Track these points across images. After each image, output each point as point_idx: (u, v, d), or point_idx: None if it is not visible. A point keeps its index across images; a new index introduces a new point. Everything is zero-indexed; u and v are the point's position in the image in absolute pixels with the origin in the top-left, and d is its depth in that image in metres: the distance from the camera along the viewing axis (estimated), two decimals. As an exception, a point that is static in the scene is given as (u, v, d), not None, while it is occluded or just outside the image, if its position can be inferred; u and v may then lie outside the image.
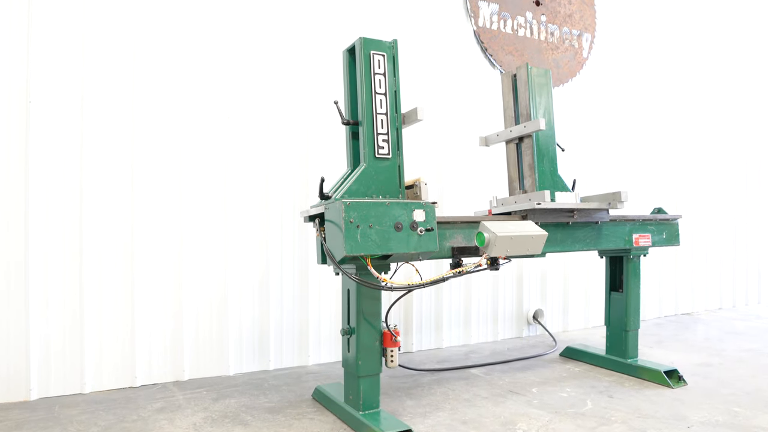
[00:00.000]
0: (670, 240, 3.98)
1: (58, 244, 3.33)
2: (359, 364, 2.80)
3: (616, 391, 3.45)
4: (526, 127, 3.31)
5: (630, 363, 3.79)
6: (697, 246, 6.42)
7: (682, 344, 4.77)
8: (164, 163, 3.64)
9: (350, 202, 2.55)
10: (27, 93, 3.25)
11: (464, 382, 3.65)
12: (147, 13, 3.59)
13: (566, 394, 3.40)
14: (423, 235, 2.70)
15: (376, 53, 2.85)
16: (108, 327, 3.47)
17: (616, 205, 3.46)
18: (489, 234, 2.70)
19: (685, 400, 3.27)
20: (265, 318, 3.96)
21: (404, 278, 4.10)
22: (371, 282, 2.68)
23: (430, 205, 2.76)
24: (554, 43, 5.19)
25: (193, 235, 3.71)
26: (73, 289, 3.37)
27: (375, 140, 2.80)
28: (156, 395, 3.36)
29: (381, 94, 2.84)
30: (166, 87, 3.64)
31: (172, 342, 3.65)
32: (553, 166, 3.44)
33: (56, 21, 3.34)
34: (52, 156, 3.32)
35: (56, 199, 3.33)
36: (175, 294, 3.66)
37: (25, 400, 3.24)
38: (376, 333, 2.84)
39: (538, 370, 3.95)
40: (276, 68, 3.99)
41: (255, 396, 3.36)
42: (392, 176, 2.85)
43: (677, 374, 3.61)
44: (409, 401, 3.28)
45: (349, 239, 2.52)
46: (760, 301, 7.14)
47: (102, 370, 3.45)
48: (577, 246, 3.52)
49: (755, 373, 3.84)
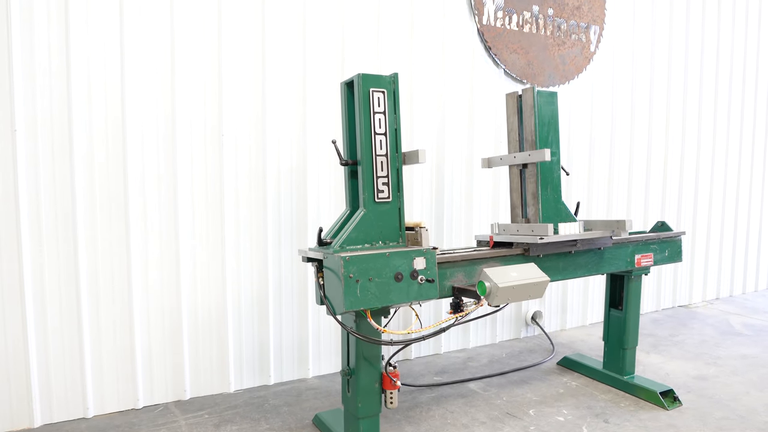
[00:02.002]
0: (673, 258, 3.95)
1: (53, 263, 3.29)
2: (359, 406, 2.81)
3: (612, 414, 3.50)
4: (531, 156, 3.21)
5: (627, 380, 3.83)
6: (698, 236, 6.40)
7: (678, 348, 4.82)
8: (162, 179, 3.55)
9: (349, 257, 2.49)
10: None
11: (462, 402, 3.70)
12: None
13: (563, 418, 3.45)
14: (423, 283, 2.67)
15: (376, 90, 2.72)
16: (107, 350, 3.48)
17: (620, 233, 3.40)
18: (490, 284, 2.66)
19: (679, 427, 3.32)
20: (265, 332, 3.97)
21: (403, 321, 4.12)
22: (370, 337, 2.66)
23: (430, 251, 2.71)
24: (561, 39, 4.98)
25: (189, 250, 3.67)
26: (70, 310, 3.35)
27: (375, 184, 2.72)
28: (158, 420, 3.40)
29: (381, 135, 2.73)
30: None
31: (173, 361, 3.67)
32: (557, 193, 3.36)
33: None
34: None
35: (50, 222, 3.27)
36: (175, 312, 3.64)
37: (29, 428, 3.28)
38: (376, 374, 2.85)
39: (535, 385, 4.00)
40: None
41: (256, 421, 3.40)
42: (392, 220, 2.78)
43: (672, 394, 3.66)
44: (408, 427, 3.33)
45: (348, 295, 2.49)
46: (757, 289, 7.18)
47: (104, 393, 3.48)
48: (580, 273, 3.48)
49: (749, 390, 3.88)
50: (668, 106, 5.99)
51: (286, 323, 4.05)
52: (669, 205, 6.12)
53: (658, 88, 5.88)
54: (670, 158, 6.07)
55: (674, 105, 6.05)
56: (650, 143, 5.88)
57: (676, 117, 6.08)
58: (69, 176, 3.29)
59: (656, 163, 5.97)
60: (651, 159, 5.91)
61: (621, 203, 5.72)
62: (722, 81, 6.44)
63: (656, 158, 5.96)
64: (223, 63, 3.66)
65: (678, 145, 6.13)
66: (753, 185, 6.96)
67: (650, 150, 5.88)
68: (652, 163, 5.93)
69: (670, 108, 6.01)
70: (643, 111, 5.79)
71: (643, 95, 5.77)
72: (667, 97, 5.97)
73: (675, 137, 6.10)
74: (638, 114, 5.75)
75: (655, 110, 5.89)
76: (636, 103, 5.70)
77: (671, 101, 6.01)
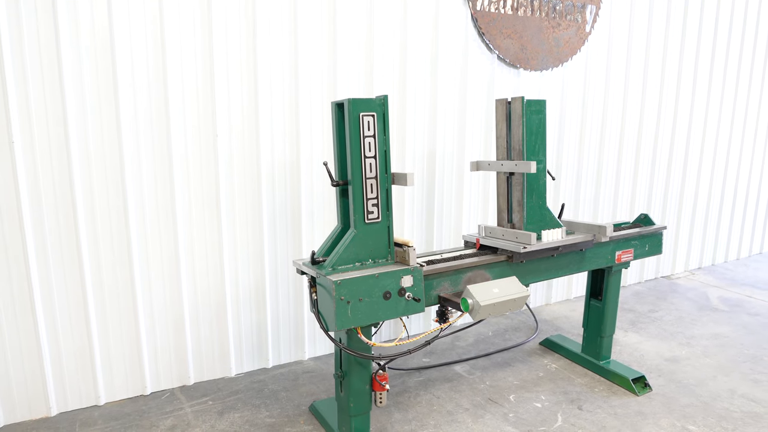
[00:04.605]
0: (653, 251, 4.12)
1: (58, 261, 3.45)
2: (351, 405, 3.06)
3: (586, 400, 3.78)
4: (517, 166, 3.30)
5: (602, 366, 4.10)
6: (684, 207, 6.56)
7: (655, 326, 5.09)
8: (156, 175, 3.64)
9: (341, 281, 2.65)
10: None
11: (448, 387, 3.97)
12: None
13: (540, 405, 3.73)
14: (410, 300, 2.84)
15: (366, 114, 2.78)
16: (115, 340, 3.69)
17: (600, 238, 3.55)
18: (473, 300, 2.84)
19: (647, 414, 3.61)
20: (263, 318, 4.19)
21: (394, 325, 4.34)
22: (361, 352, 2.86)
23: (418, 269, 2.87)
24: (556, 20, 4.91)
25: (189, 241, 3.82)
26: (78, 305, 3.52)
27: (365, 206, 2.83)
28: (166, 407, 3.67)
29: (371, 158, 2.82)
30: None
31: (176, 349, 3.90)
32: (542, 199, 3.47)
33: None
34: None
35: (52, 218, 3.39)
36: (176, 301, 3.83)
37: (46, 416, 3.55)
38: (367, 377, 3.07)
39: (517, 367, 4.27)
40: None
41: (256, 408, 3.67)
42: (382, 238, 2.91)
43: (644, 380, 3.93)
44: (397, 414, 3.61)
45: (339, 316, 2.67)
46: (739, 257, 7.43)
47: (113, 381, 3.73)
48: (561, 272, 3.66)
49: (716, 374, 4.17)
50: (662, 84, 5.98)
51: (283, 308, 4.26)
52: (658, 176, 6.23)
53: (652, 67, 5.84)
54: (661, 129, 6.12)
55: (668, 81, 6.03)
56: (642, 119, 5.91)
57: (669, 93, 6.08)
58: (67, 171, 3.36)
59: (647, 136, 6.02)
60: (642, 132, 5.95)
61: (610, 176, 5.83)
62: (719, 52, 6.39)
63: (647, 130, 6.01)
64: (216, 63, 3.67)
65: (670, 116, 6.17)
66: (742, 158, 7.05)
67: (641, 126, 5.93)
68: (644, 136, 5.98)
69: (664, 85, 6.00)
70: (636, 91, 5.79)
71: (637, 75, 5.75)
72: (662, 74, 5.95)
73: (667, 108, 6.13)
74: (631, 94, 5.75)
75: (649, 88, 5.88)
76: (630, 83, 5.70)
77: (665, 79, 5.99)
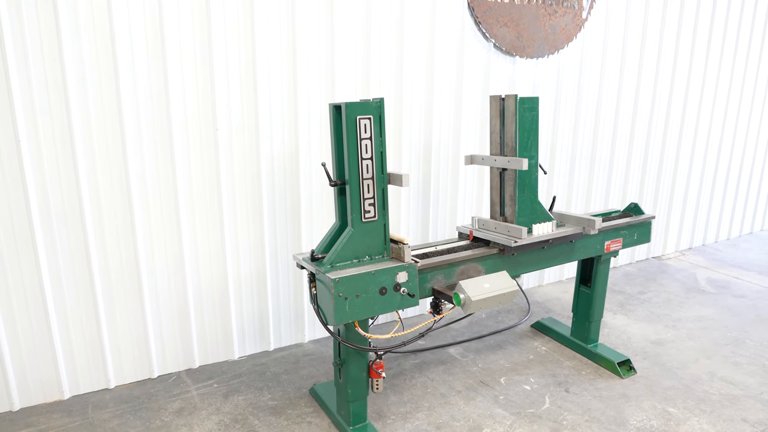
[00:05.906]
0: (642, 240, 4.26)
1: (66, 250, 3.58)
2: (349, 392, 3.24)
3: (573, 383, 3.97)
4: (510, 163, 3.40)
5: (590, 349, 4.28)
6: (677, 188, 6.67)
7: (643, 308, 5.27)
8: (161, 169, 3.74)
9: (339, 279, 2.79)
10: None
11: (442, 369, 4.16)
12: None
13: (529, 387, 3.92)
14: (405, 294, 2.99)
15: (363, 117, 2.87)
16: (122, 326, 3.85)
17: (590, 231, 3.68)
18: (464, 296, 2.99)
19: (630, 397, 3.80)
20: (264, 302, 4.34)
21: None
22: (357, 345, 3.02)
23: (412, 266, 3.01)
24: (553, 7, 4.93)
25: (191, 231, 3.95)
26: (86, 291, 3.66)
27: (362, 205, 2.95)
28: (173, 390, 3.86)
29: (367, 159, 2.92)
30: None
31: (182, 333, 4.07)
32: (534, 193, 3.59)
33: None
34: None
35: (59, 207, 3.50)
36: (180, 286, 3.98)
37: (60, 399, 3.73)
38: (364, 365, 3.24)
39: (508, 350, 4.46)
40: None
41: (259, 390, 3.86)
42: (378, 236, 3.04)
43: (629, 364, 4.12)
44: (393, 396, 3.80)
45: (338, 311, 2.82)
46: (729, 237, 7.58)
47: (122, 365, 3.91)
48: (551, 263, 3.80)
49: (698, 357, 4.36)
50: (657, 68, 6.02)
51: (283, 294, 4.42)
52: (651, 157, 6.32)
53: (648, 51, 5.87)
54: (656, 111, 6.18)
55: (664, 63, 6.07)
56: (636, 102, 5.97)
57: (664, 76, 6.12)
58: (72, 163, 3.45)
59: (642, 118, 6.09)
60: (637, 115, 6.02)
61: (604, 158, 5.92)
62: (715, 38, 6.40)
63: (642, 113, 6.07)
64: (215, 62, 3.72)
65: (665, 98, 6.23)
66: (736, 139, 7.13)
67: (636, 108, 5.99)
68: (638, 117, 6.05)
69: (660, 69, 6.04)
70: (631, 75, 5.83)
71: (633, 59, 5.78)
72: (657, 58, 5.98)
73: (662, 90, 6.18)
74: (626, 78, 5.80)
75: (644, 72, 5.92)
76: (625, 67, 5.73)
77: (661, 62, 6.02)
